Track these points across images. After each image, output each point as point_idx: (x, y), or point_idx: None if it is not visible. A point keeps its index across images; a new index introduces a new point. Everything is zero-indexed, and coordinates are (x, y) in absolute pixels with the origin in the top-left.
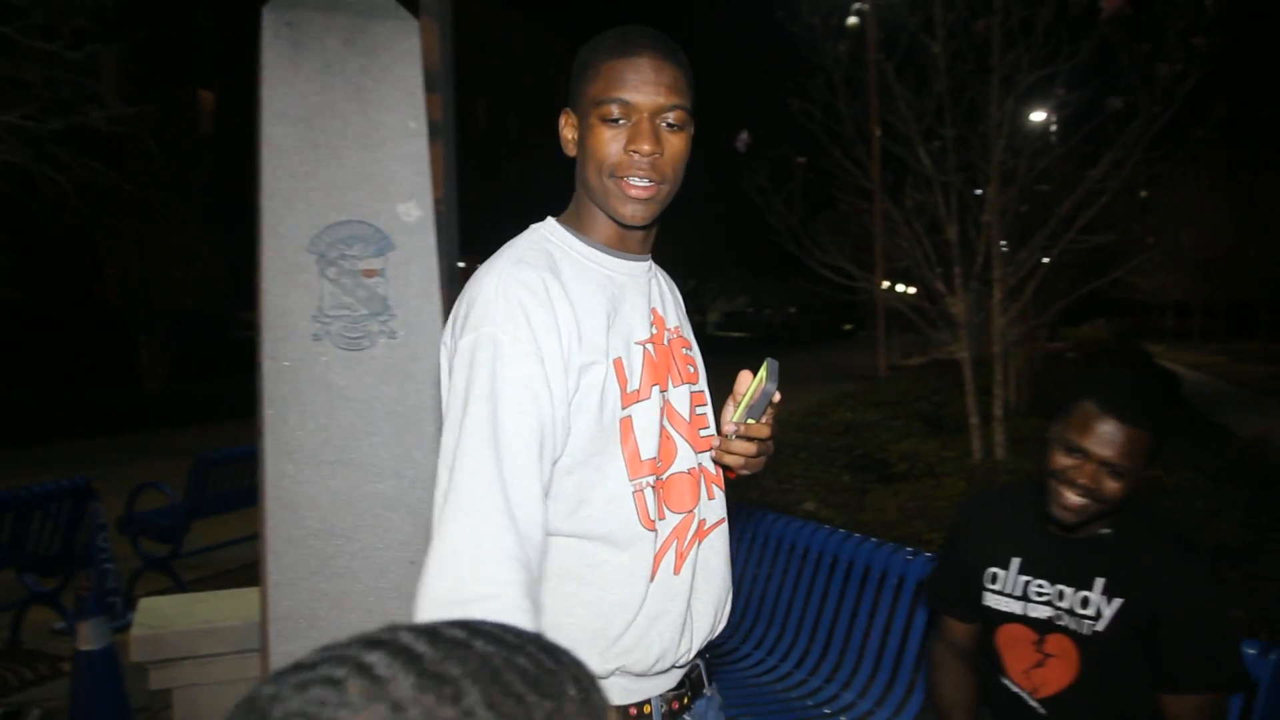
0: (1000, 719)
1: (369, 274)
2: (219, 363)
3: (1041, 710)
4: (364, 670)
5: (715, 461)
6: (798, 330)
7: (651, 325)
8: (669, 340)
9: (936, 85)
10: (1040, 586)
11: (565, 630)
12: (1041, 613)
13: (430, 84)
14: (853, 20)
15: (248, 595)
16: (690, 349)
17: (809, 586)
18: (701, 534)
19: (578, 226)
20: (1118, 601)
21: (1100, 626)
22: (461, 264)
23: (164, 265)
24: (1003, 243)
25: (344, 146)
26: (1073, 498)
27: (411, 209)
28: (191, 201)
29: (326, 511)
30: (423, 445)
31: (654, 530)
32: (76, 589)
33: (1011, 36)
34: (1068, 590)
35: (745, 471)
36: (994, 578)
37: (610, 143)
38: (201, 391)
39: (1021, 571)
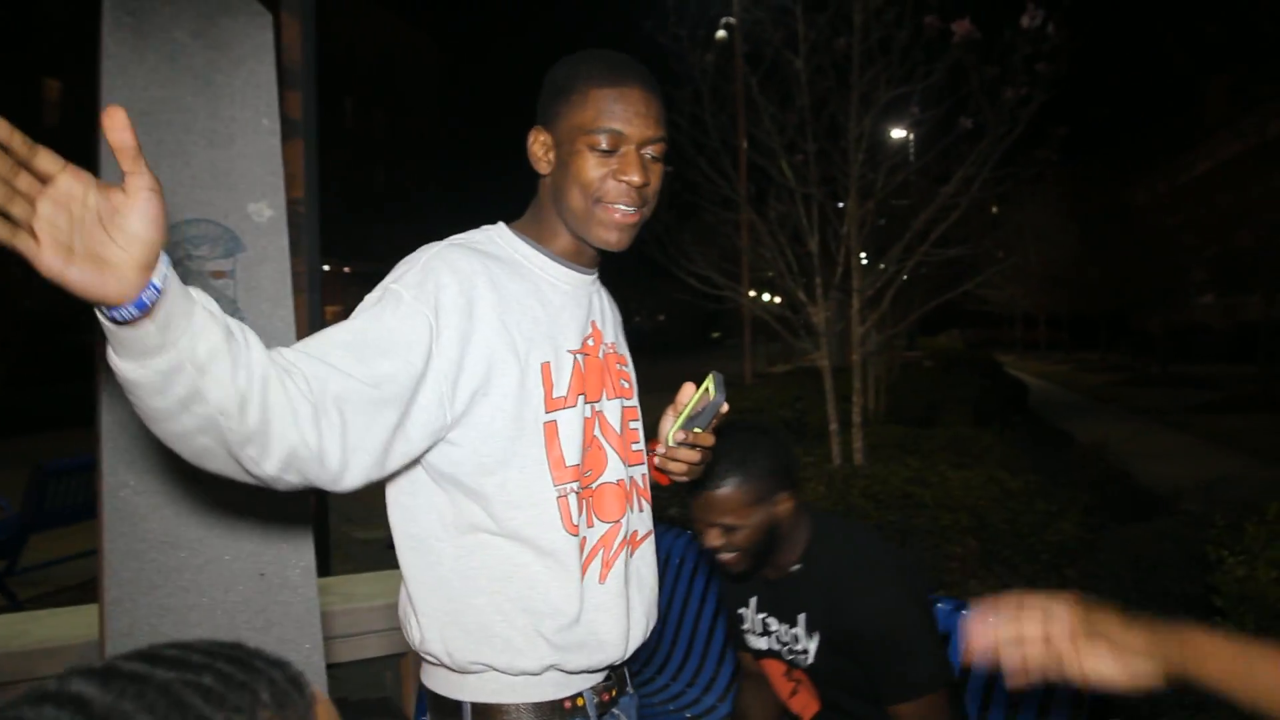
0: None
1: (217, 275)
2: (62, 367)
3: None
4: None
5: (659, 469)
6: (666, 338)
7: (587, 338)
8: (604, 354)
9: (799, 100)
10: (771, 624)
11: (498, 629)
12: (777, 647)
13: (290, 81)
14: (721, 34)
15: (88, 613)
16: (625, 365)
17: (672, 591)
18: (633, 544)
19: (533, 235)
20: (817, 635)
21: (810, 660)
22: (326, 266)
23: (2, 263)
24: (862, 254)
25: (191, 143)
26: (723, 556)
27: (263, 209)
28: None
29: (170, 523)
30: None
31: (578, 536)
32: None
33: (870, 55)
34: (784, 627)
35: (684, 479)
36: (742, 618)
37: (597, 169)
38: (44, 397)
39: (759, 610)
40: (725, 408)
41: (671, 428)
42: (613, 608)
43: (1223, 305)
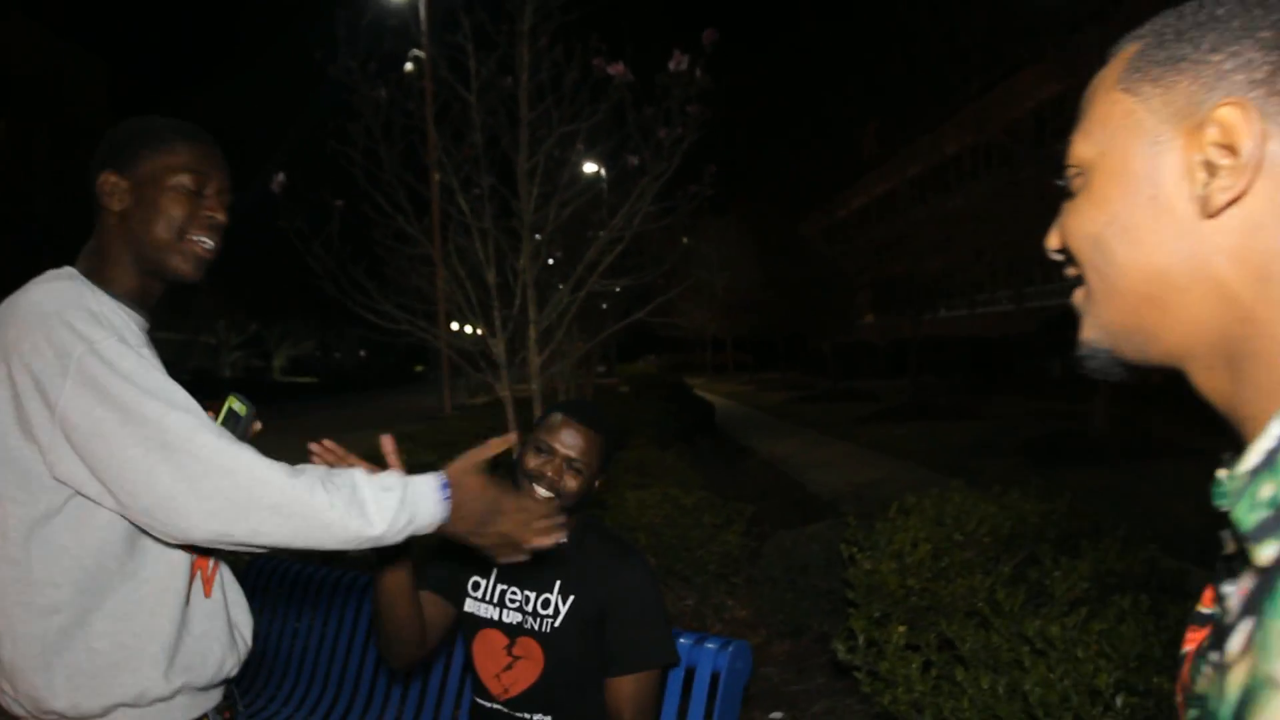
0: None
1: None
2: None
3: (503, 709)
4: None
5: None
6: (368, 373)
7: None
8: None
9: (471, 136)
10: (514, 594)
11: (129, 659)
12: (513, 618)
13: None
14: (409, 66)
15: None
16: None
17: (343, 635)
18: (219, 564)
19: (105, 283)
20: (571, 599)
21: (558, 623)
22: None
23: None
24: (561, 286)
25: None
26: (540, 491)
27: None
28: None
29: None
30: None
31: (179, 551)
32: None
33: (540, 92)
34: (533, 595)
35: None
36: (476, 585)
37: (183, 208)
38: None
39: (499, 580)
40: (258, 425)
41: None
42: (221, 618)
43: (881, 325)
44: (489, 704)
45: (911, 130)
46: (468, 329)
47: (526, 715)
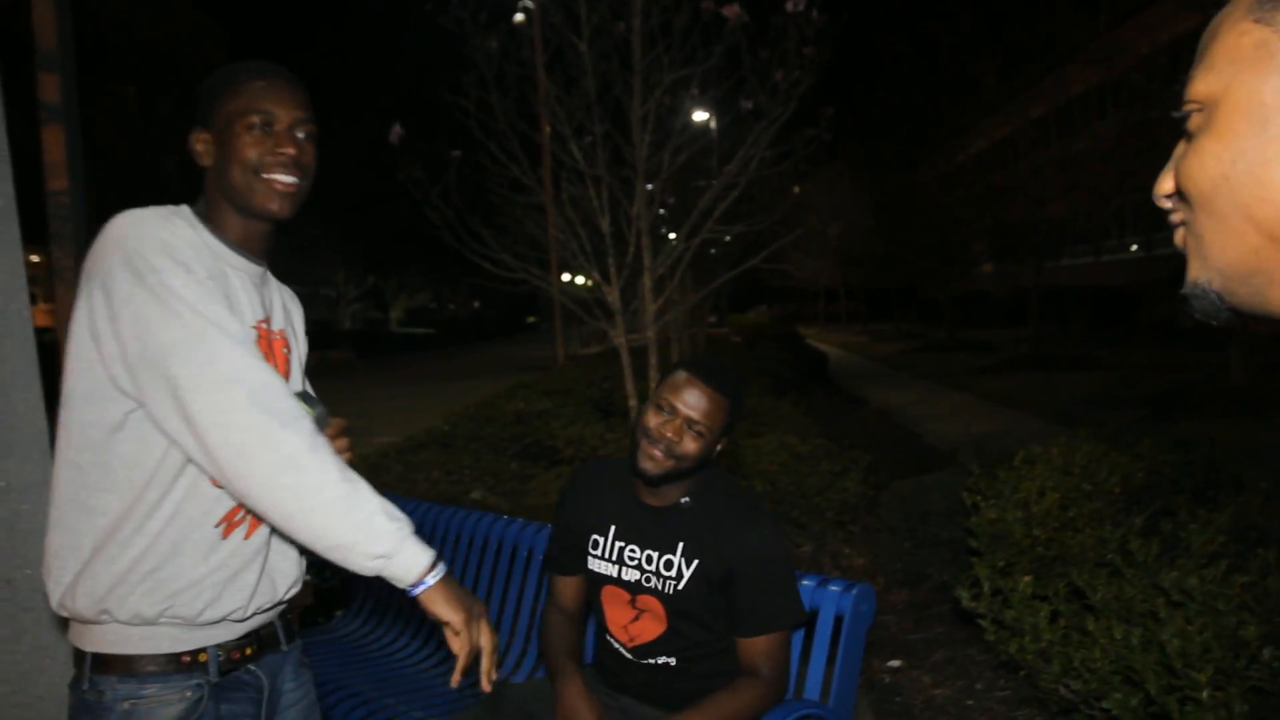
0: (603, 674)
1: None
2: None
3: (632, 658)
4: None
5: None
6: (482, 324)
7: (260, 320)
8: (271, 340)
9: (584, 83)
10: (632, 552)
11: (140, 579)
12: (631, 575)
13: (46, 64)
14: (519, 17)
15: None
16: (289, 351)
17: (464, 571)
18: None
19: (211, 223)
20: (695, 562)
21: (681, 585)
22: None
23: None
24: (672, 235)
25: None
26: (656, 453)
27: None
28: None
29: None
30: (14, 453)
31: (220, 490)
32: None
33: (652, 38)
34: (654, 554)
35: None
36: (595, 544)
37: (254, 147)
38: None
39: (618, 538)
40: (336, 425)
41: None
42: (256, 563)
43: (1000, 273)
44: (616, 646)
45: (1034, 70)
46: (580, 279)
47: (652, 660)
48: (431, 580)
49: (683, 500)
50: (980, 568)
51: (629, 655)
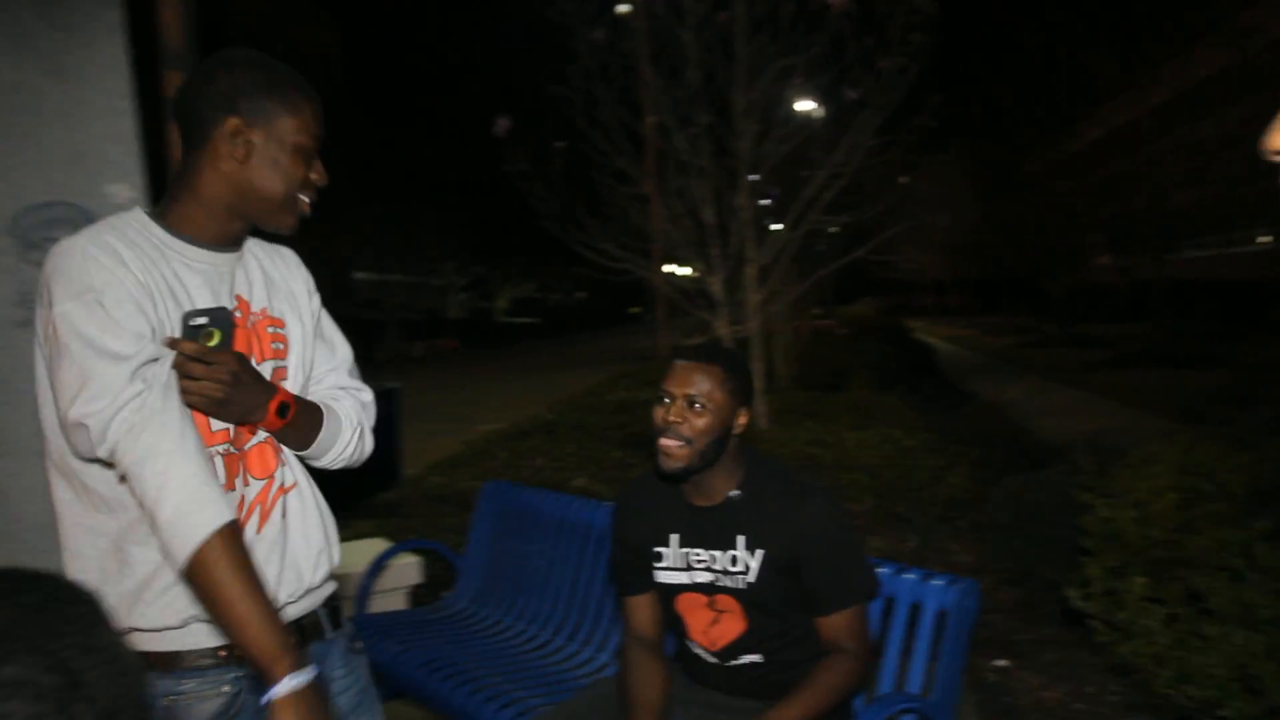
0: (691, 677)
1: None
2: None
3: (717, 661)
4: None
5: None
6: (586, 314)
7: (234, 311)
8: (252, 322)
9: (688, 73)
10: (698, 555)
11: (143, 590)
12: (703, 578)
13: (171, 61)
14: (624, 8)
15: None
16: (282, 328)
17: (570, 558)
18: (284, 493)
19: (171, 223)
20: (760, 552)
21: (752, 578)
22: None
23: None
24: (777, 226)
25: (43, 126)
26: (670, 443)
27: (122, 190)
28: None
29: (44, 504)
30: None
31: (235, 492)
32: None
33: (756, 27)
34: (719, 553)
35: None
36: (660, 556)
37: (299, 169)
38: None
39: (681, 545)
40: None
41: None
42: (272, 556)
43: (1118, 266)
44: (700, 653)
45: (1156, 54)
46: (683, 270)
47: (737, 660)
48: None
49: (732, 494)
50: (1091, 567)
51: (713, 659)
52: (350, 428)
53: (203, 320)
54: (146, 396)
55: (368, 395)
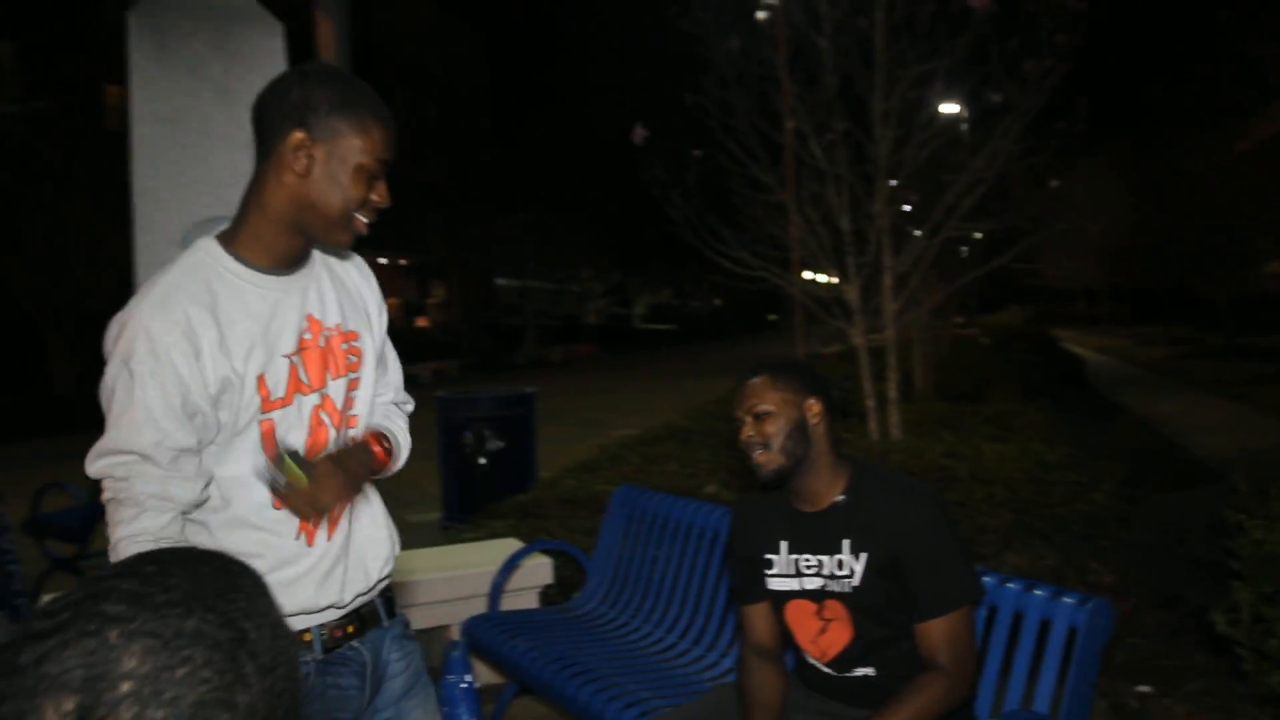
0: (809, 687)
1: None
2: None
3: (829, 671)
4: (111, 619)
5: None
6: (723, 321)
7: (303, 333)
8: (326, 339)
9: (825, 80)
10: (807, 561)
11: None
12: (813, 584)
13: None
14: (762, 15)
15: None
16: (357, 340)
17: (697, 564)
18: (349, 500)
19: (241, 249)
20: (863, 555)
21: (857, 581)
22: (383, 260)
23: (71, 266)
24: (916, 231)
25: (212, 146)
26: (756, 456)
27: None
28: (101, 200)
29: None
30: None
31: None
32: None
33: (896, 31)
34: (825, 558)
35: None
36: (770, 563)
37: (362, 189)
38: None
39: (791, 551)
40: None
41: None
42: (334, 558)
43: None
44: (814, 663)
45: None
46: (820, 277)
47: (851, 673)
48: None
49: (839, 499)
50: (1242, 592)
51: (828, 670)
52: (407, 445)
53: (293, 449)
54: (132, 485)
55: (411, 405)
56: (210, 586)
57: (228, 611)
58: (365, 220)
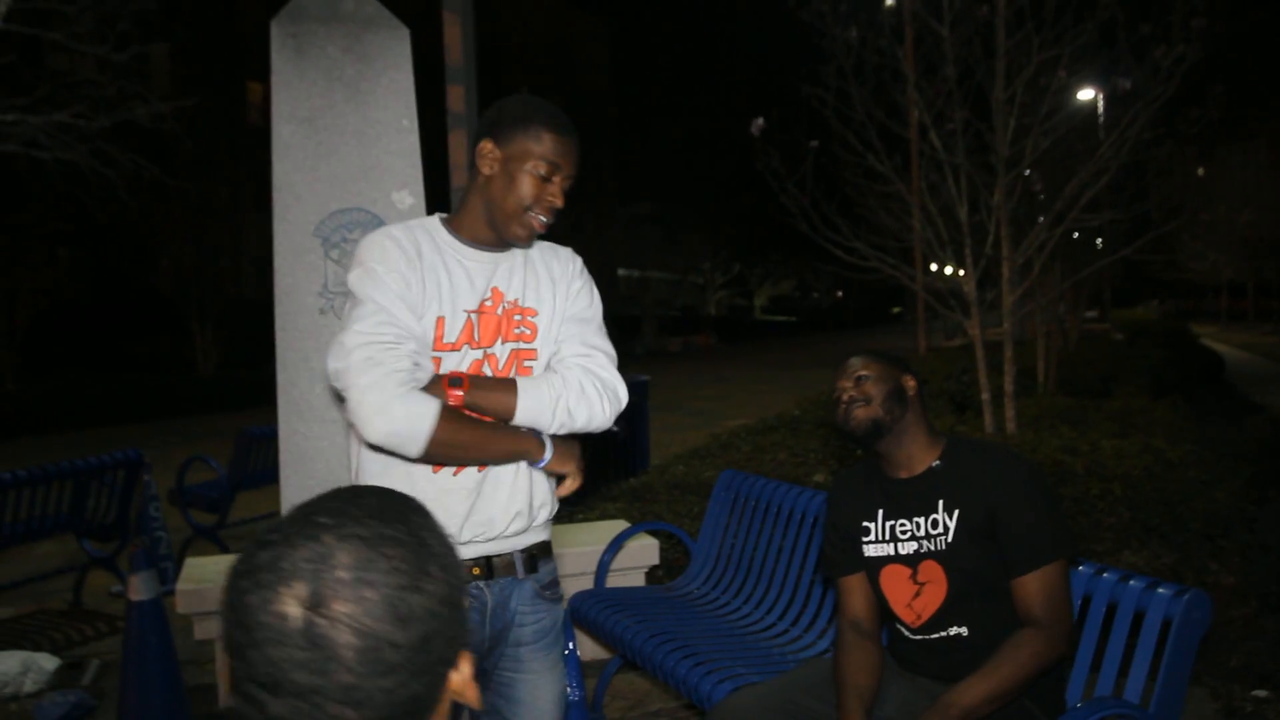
0: (899, 661)
1: None
2: (270, 349)
3: (924, 636)
4: (325, 526)
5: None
6: (844, 314)
7: (485, 299)
8: (503, 310)
9: (944, 70)
10: (902, 525)
11: None
12: (908, 548)
13: (453, 77)
14: (890, 1)
15: None
16: (533, 316)
17: (798, 547)
18: None
19: (454, 224)
20: (956, 511)
21: (950, 539)
22: None
23: (214, 255)
24: (1040, 221)
25: (343, 143)
26: (855, 411)
27: (405, 197)
28: (242, 192)
29: (332, 463)
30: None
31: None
32: (129, 550)
33: (1019, 18)
34: (921, 520)
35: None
36: (867, 531)
37: (534, 188)
38: (252, 376)
39: (886, 518)
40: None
41: None
42: (461, 496)
43: None
44: (906, 631)
45: None
46: (941, 268)
47: (943, 633)
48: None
49: (934, 464)
50: None
51: (919, 635)
52: (552, 391)
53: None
54: (377, 349)
55: (595, 360)
56: (394, 507)
57: (410, 523)
58: (543, 219)
